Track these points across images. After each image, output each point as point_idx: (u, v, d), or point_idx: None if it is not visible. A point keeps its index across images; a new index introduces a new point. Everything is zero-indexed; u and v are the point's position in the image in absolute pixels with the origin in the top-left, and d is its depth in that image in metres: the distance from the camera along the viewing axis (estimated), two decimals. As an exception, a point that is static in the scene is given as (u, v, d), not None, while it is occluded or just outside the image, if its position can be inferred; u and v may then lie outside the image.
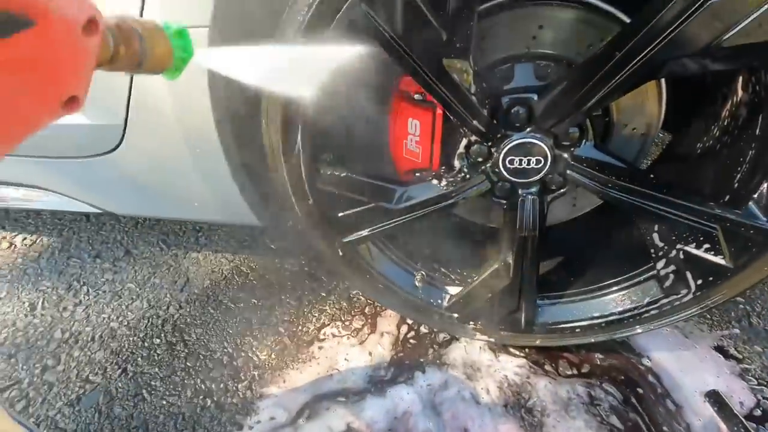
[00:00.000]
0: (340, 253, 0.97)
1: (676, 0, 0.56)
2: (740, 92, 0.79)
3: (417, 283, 1.06)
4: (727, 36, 0.57)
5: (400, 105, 0.89)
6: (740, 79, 0.80)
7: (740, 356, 1.10)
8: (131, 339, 1.19)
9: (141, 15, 0.69)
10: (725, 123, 0.86)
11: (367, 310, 1.24)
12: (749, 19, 0.55)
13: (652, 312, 0.89)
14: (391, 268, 1.04)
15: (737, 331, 1.17)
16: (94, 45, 0.27)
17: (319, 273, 1.33)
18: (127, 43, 0.32)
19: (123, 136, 0.91)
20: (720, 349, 1.12)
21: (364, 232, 0.94)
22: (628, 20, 0.72)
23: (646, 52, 0.61)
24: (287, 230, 0.97)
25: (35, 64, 0.23)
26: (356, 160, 0.91)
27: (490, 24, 0.80)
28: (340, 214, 0.92)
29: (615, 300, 0.94)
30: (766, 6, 0.54)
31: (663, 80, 0.81)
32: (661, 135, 1.27)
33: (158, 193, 1.04)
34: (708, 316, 1.21)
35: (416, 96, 0.87)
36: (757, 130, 0.75)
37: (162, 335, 1.19)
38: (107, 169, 0.99)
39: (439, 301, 1.06)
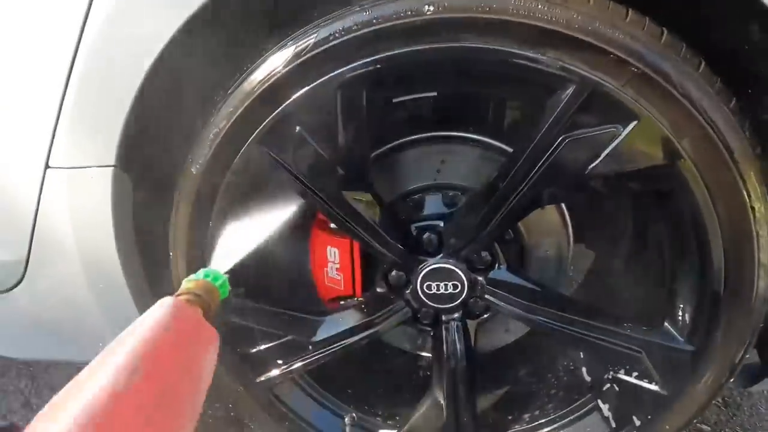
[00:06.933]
0: (255, 395, 0.87)
1: (540, 136, 0.62)
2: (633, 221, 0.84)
3: (347, 428, 0.93)
4: (591, 166, 0.62)
5: (317, 233, 0.90)
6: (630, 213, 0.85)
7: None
8: None
9: (48, 155, 0.71)
10: (633, 242, 0.90)
11: (295, 464, 1.06)
12: (606, 152, 0.61)
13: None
14: (315, 411, 0.93)
15: (711, 469, 1.05)
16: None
17: (246, 418, 1.17)
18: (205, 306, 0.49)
19: (24, 272, 0.86)
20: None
21: (280, 371, 0.85)
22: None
23: (524, 183, 0.65)
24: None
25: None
26: (272, 290, 0.87)
27: (397, 160, 0.86)
28: (252, 350, 0.85)
29: (560, 439, 0.84)
30: (617, 140, 0.60)
31: (563, 205, 0.86)
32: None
33: (61, 334, 0.94)
34: (677, 451, 1.10)
35: (332, 225, 0.89)
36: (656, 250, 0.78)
37: None
38: (5, 309, 0.92)
39: (373, 450, 0.93)
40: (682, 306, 0.71)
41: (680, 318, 0.72)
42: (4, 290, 0.89)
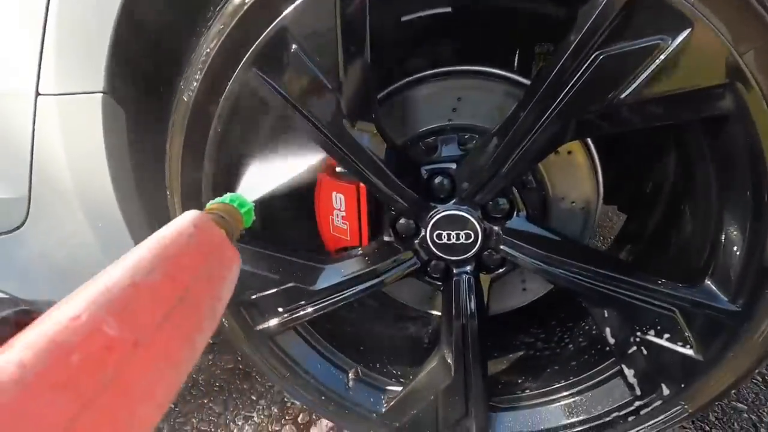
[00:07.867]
0: (255, 344, 0.84)
1: (569, 53, 0.53)
2: (675, 166, 0.74)
3: (350, 383, 0.90)
4: (625, 93, 0.53)
5: (323, 178, 0.84)
6: (672, 154, 0.75)
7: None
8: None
9: (38, 81, 0.68)
10: (669, 196, 0.80)
11: (300, 418, 1.05)
12: (646, 73, 0.51)
13: (620, 422, 0.73)
14: (318, 365, 0.90)
15: (745, 448, 0.97)
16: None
17: (253, 371, 1.16)
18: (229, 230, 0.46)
19: (28, 210, 0.85)
20: (727, 473, 0.91)
21: (281, 319, 0.82)
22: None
23: (548, 111, 0.56)
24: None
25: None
26: (275, 234, 0.83)
27: (408, 97, 0.78)
28: (252, 297, 0.81)
29: (576, 405, 0.78)
30: (663, 55, 0.51)
31: (594, 152, 0.77)
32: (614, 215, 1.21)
33: (65, 274, 0.94)
34: (707, 428, 1.02)
35: (338, 168, 0.83)
36: (693, 201, 0.68)
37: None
38: (12, 249, 0.91)
39: (377, 406, 0.89)
40: (727, 259, 0.62)
41: (724, 273, 0.63)
42: (10, 230, 0.89)
